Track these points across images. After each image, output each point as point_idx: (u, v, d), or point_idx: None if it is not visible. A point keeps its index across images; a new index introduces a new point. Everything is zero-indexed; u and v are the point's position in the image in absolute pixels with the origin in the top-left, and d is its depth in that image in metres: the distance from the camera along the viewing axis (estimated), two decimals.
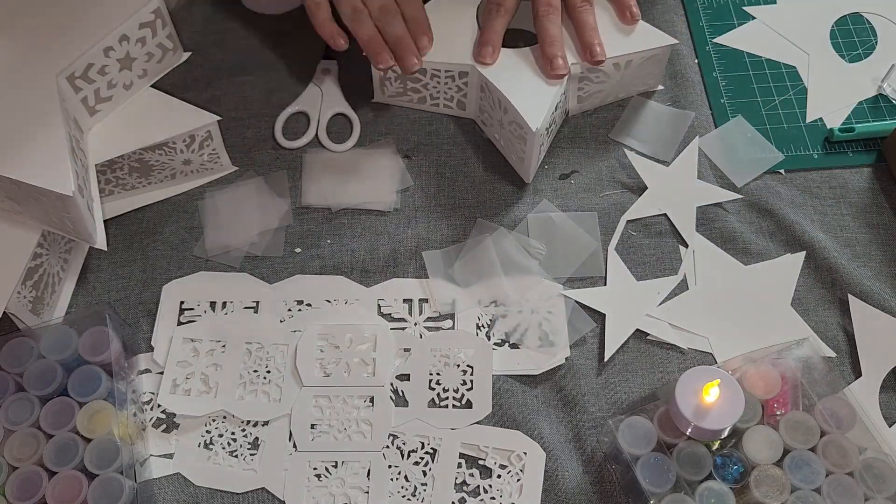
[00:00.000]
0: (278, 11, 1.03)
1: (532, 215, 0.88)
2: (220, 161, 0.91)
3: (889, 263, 0.86)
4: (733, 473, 0.71)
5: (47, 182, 0.71)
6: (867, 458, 0.71)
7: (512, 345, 0.82)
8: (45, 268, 0.81)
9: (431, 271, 0.85)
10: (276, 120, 0.95)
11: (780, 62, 0.99)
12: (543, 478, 0.76)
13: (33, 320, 0.80)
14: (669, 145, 0.93)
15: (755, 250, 0.86)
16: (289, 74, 0.99)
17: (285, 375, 0.81)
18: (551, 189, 0.90)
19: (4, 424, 0.74)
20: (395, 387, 0.81)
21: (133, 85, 0.85)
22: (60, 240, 0.83)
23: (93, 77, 0.81)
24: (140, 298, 0.85)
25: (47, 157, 0.73)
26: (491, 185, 0.91)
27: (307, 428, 0.78)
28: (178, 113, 0.86)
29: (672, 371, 0.80)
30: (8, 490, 0.71)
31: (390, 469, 0.76)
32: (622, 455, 0.72)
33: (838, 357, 0.81)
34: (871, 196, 0.90)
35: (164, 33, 0.85)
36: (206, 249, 0.87)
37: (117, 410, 0.74)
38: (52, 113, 0.75)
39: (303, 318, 0.84)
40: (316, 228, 0.89)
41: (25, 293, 0.78)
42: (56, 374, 0.76)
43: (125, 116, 0.85)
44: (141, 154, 0.85)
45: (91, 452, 0.72)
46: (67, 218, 0.75)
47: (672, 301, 0.84)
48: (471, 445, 0.77)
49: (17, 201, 0.75)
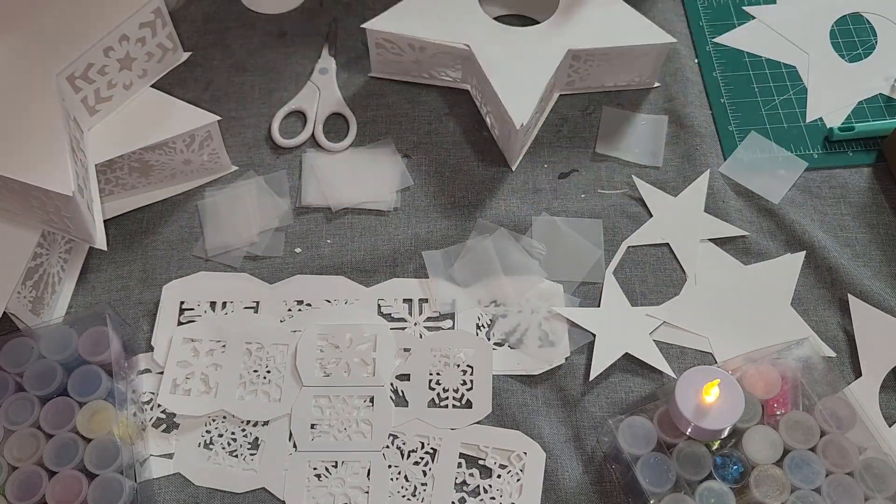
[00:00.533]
0: (278, 11, 1.03)
1: (537, 218, 0.88)
2: (220, 161, 0.91)
3: (889, 263, 0.86)
4: (733, 473, 0.71)
5: (47, 182, 0.71)
6: (867, 458, 0.71)
7: (511, 345, 0.82)
8: (44, 268, 0.81)
9: (431, 271, 0.85)
10: (273, 118, 0.95)
11: (780, 62, 0.99)
12: (543, 478, 0.76)
13: (33, 320, 0.80)
14: (656, 151, 0.93)
15: (755, 250, 0.86)
16: (288, 74, 0.99)
17: (285, 375, 0.81)
18: (551, 189, 0.90)
19: (4, 424, 0.74)
20: (395, 387, 0.80)
21: (133, 85, 0.85)
22: (60, 240, 0.83)
23: (93, 77, 0.81)
24: (140, 298, 0.85)
25: (47, 156, 0.73)
26: (491, 185, 0.91)
27: (307, 428, 0.78)
28: (178, 113, 0.86)
29: (672, 371, 0.80)
30: (8, 490, 0.71)
31: (390, 469, 0.76)
32: (622, 455, 0.72)
33: (838, 357, 0.81)
34: (871, 196, 0.90)
35: (164, 33, 0.84)
36: (206, 249, 0.87)
37: (117, 410, 0.74)
38: (52, 113, 0.75)
39: (303, 318, 0.84)
40: (316, 228, 0.89)
41: (25, 293, 0.78)
42: (56, 374, 0.76)
43: (125, 116, 0.85)
44: (141, 154, 0.85)
45: (91, 452, 0.72)
46: (67, 218, 0.75)
47: (672, 301, 0.84)
48: (471, 445, 0.77)
49: (17, 201, 0.75)
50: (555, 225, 0.88)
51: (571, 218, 0.89)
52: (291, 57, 1.01)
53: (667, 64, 0.97)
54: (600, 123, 0.95)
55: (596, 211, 0.89)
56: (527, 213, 0.89)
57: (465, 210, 0.89)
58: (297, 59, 1.01)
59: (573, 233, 0.88)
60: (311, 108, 0.96)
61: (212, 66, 1.00)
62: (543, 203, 0.90)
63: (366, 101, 0.97)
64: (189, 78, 0.98)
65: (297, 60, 1.01)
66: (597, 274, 0.85)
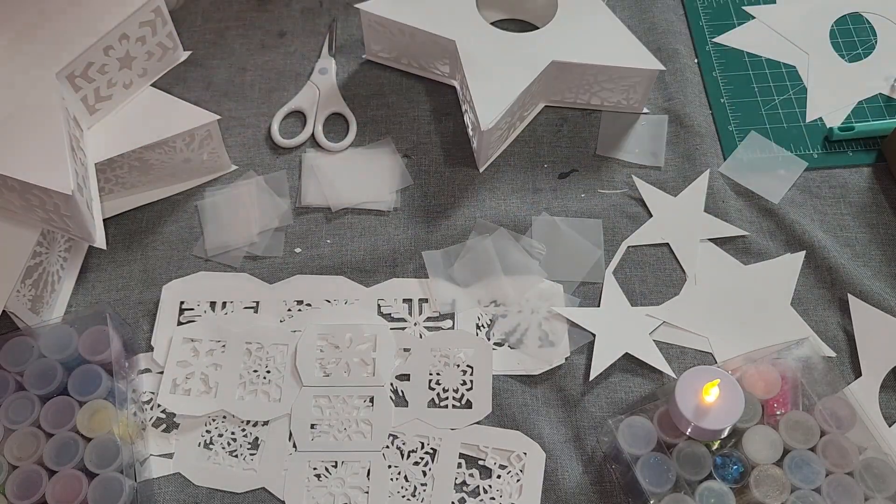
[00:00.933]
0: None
1: (537, 218, 0.88)
2: (220, 160, 0.91)
3: (889, 263, 0.86)
4: (733, 473, 0.71)
5: (47, 181, 0.71)
6: (867, 457, 0.71)
7: (511, 345, 0.82)
8: (44, 266, 0.81)
9: (431, 271, 0.85)
10: (273, 118, 0.95)
11: (779, 62, 0.99)
12: (543, 478, 0.76)
13: (33, 319, 0.80)
14: (656, 151, 0.93)
15: (755, 250, 0.86)
16: (288, 74, 0.99)
17: (285, 375, 0.81)
18: (550, 189, 0.90)
19: (4, 423, 0.74)
20: (395, 387, 0.81)
21: (133, 84, 0.85)
22: (60, 238, 0.83)
23: (93, 76, 0.81)
24: (140, 298, 0.85)
25: (47, 155, 0.73)
26: (491, 185, 0.91)
27: (307, 428, 0.78)
28: (178, 112, 0.86)
29: (672, 371, 0.80)
30: (8, 489, 0.71)
31: (390, 469, 0.76)
32: (622, 455, 0.72)
33: (838, 357, 0.81)
34: (871, 196, 0.90)
35: (164, 32, 0.84)
36: (206, 249, 0.87)
37: (117, 410, 0.74)
38: (52, 112, 0.75)
39: (303, 317, 0.84)
40: (316, 228, 0.89)
41: (25, 292, 0.78)
42: (56, 374, 0.76)
43: (125, 115, 0.85)
44: (141, 153, 0.85)
45: (91, 452, 0.72)
46: (67, 217, 0.75)
47: (672, 301, 0.84)
48: (471, 445, 0.77)
49: (16, 200, 0.75)
50: (555, 225, 0.88)
51: (571, 218, 0.89)
52: (291, 57, 1.01)
53: (667, 64, 0.97)
54: (601, 124, 0.95)
55: (596, 211, 0.89)
56: (527, 213, 0.89)
57: (465, 210, 0.89)
58: (296, 59, 1.01)
59: (573, 233, 0.88)
60: (311, 108, 0.96)
61: (211, 65, 1.00)
62: (543, 203, 0.90)
63: (366, 101, 0.97)
64: (189, 78, 0.98)
65: (297, 60, 1.01)
66: (597, 274, 0.85)
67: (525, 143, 0.94)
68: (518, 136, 0.94)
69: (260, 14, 1.04)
